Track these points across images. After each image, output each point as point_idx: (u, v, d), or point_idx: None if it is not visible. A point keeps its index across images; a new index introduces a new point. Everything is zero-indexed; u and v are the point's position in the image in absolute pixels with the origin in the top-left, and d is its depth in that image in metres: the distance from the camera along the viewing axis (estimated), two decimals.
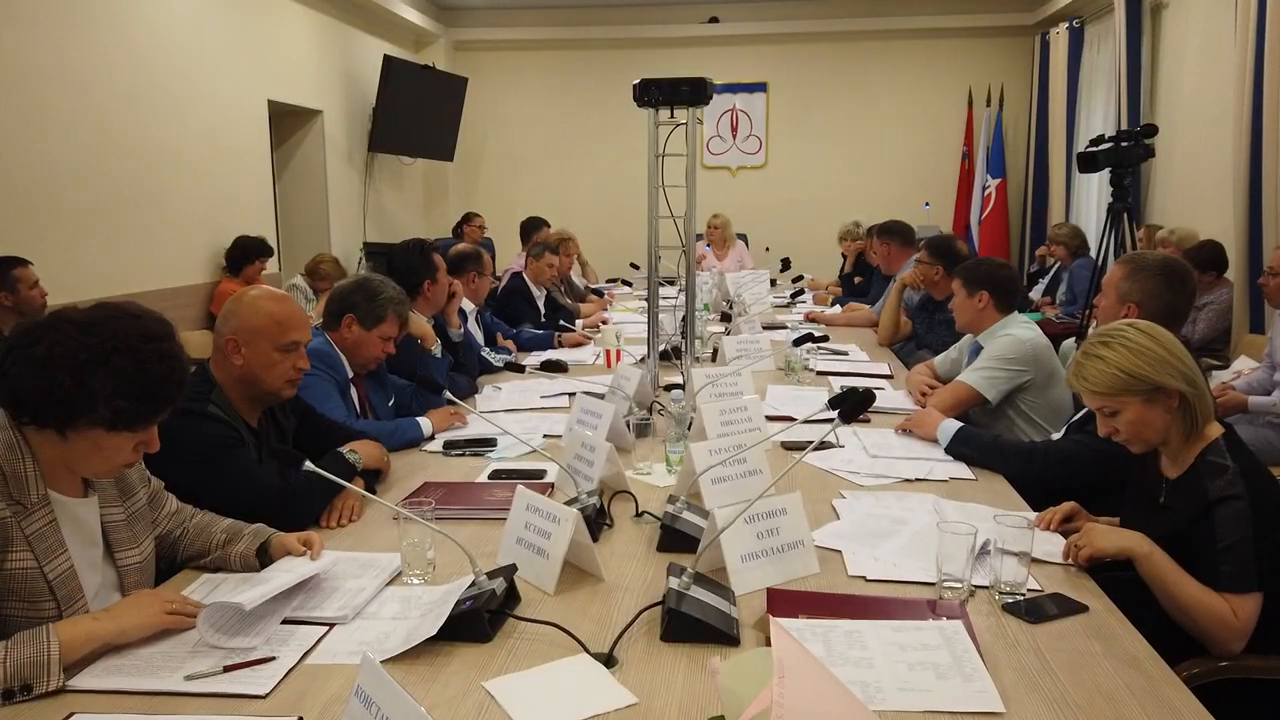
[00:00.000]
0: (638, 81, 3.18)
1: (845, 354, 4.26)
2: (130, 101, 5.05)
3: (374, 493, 2.30)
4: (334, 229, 7.54)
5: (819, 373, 3.76)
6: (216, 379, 2.11)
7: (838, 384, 3.52)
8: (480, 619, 1.53)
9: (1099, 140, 5.37)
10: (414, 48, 9.21)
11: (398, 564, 1.79)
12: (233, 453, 2.04)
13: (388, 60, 7.89)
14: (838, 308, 5.71)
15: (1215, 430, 1.84)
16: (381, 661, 1.44)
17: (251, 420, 2.19)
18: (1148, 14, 6.37)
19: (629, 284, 7.39)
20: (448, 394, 2.26)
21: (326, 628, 1.58)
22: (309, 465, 1.70)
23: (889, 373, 3.83)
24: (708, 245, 7.71)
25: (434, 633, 1.47)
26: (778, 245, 8.19)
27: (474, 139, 9.52)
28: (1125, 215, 5.14)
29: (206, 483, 1.98)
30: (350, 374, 2.77)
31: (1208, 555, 1.72)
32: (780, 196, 9.39)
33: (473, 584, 1.59)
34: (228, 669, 1.44)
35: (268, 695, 1.37)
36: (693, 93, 3.17)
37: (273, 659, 1.45)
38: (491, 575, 1.63)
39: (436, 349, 3.22)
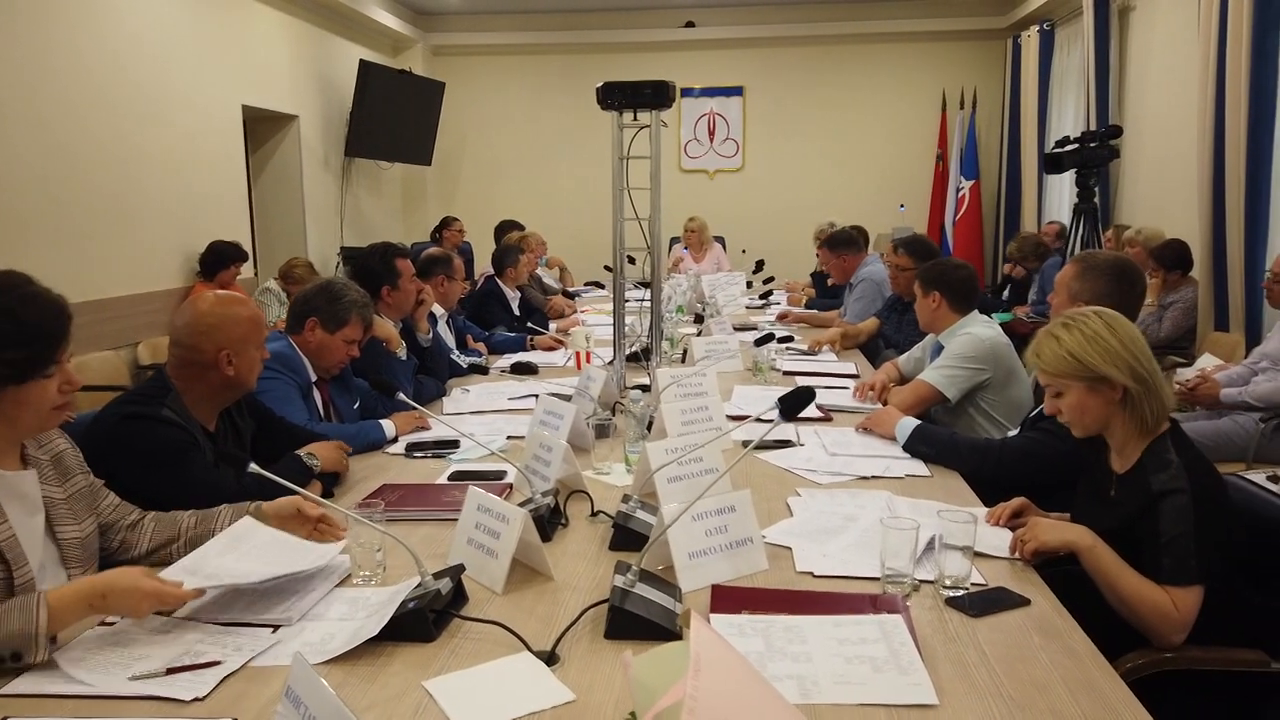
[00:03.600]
0: (600, 84, 3.19)
1: (814, 354, 4.28)
2: (103, 106, 5.03)
3: (332, 495, 2.31)
4: (310, 233, 7.53)
5: (786, 373, 3.78)
6: (176, 385, 2.11)
7: (804, 384, 3.54)
8: (424, 619, 1.53)
9: (1065, 142, 5.42)
10: (391, 52, 9.20)
11: (347, 565, 1.79)
12: (188, 457, 2.04)
13: (364, 65, 7.88)
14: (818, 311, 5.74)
15: (1162, 425, 1.87)
16: (323, 662, 1.47)
17: (209, 424, 2.19)
18: (1115, 17, 6.43)
19: (602, 287, 7.39)
20: (402, 396, 2.26)
21: (272, 629, 1.58)
22: (254, 467, 1.70)
23: (855, 372, 3.86)
24: (685, 248, 7.74)
25: (376, 633, 1.48)
26: (755, 247, 8.21)
27: (452, 143, 9.52)
28: (1091, 215, 5.18)
29: (161, 487, 1.98)
30: (313, 377, 2.77)
31: (1150, 548, 1.75)
32: (757, 199, 9.44)
33: (419, 584, 1.60)
34: (170, 671, 1.44)
35: (205, 698, 1.37)
36: (655, 96, 3.18)
37: (219, 663, 1.45)
38: (438, 575, 1.63)
39: (401, 352, 3.22)
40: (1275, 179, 4.57)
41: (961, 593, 1.70)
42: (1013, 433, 2.66)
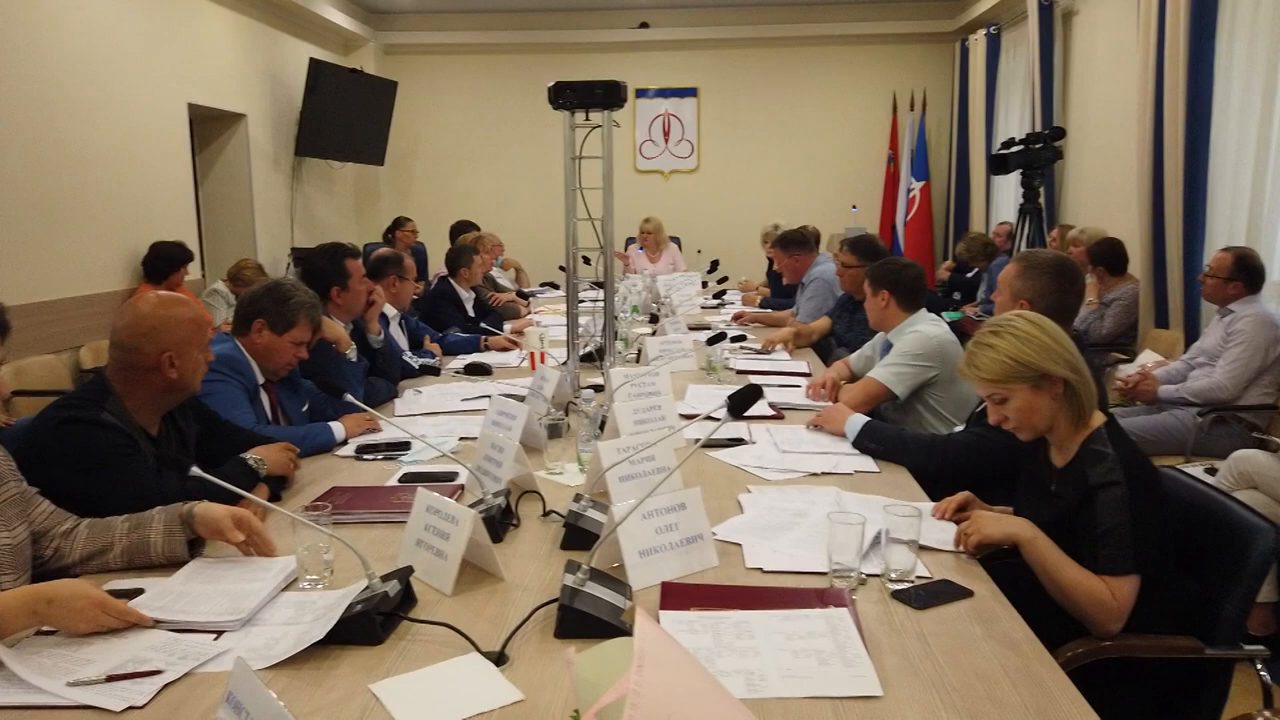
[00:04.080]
0: (552, 84, 3.19)
1: (768, 353, 4.32)
2: (42, 105, 4.90)
3: (279, 499, 2.28)
4: (260, 234, 7.41)
5: (739, 372, 3.81)
6: (117, 388, 2.07)
7: (758, 382, 3.57)
8: (371, 621, 1.52)
9: (1010, 143, 5.52)
10: (342, 51, 9.09)
11: (293, 569, 1.77)
12: (128, 461, 2.00)
13: (315, 64, 7.78)
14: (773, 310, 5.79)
15: (1098, 419, 1.92)
16: (268, 667, 1.45)
17: (151, 428, 2.15)
18: (1059, 21, 6.57)
19: (557, 287, 7.38)
20: (350, 398, 2.24)
21: (215, 635, 1.55)
22: (196, 471, 1.67)
23: (808, 371, 3.90)
24: (641, 248, 7.76)
25: (321, 636, 1.46)
26: (710, 248, 8.27)
27: (405, 143, 9.44)
28: (1036, 215, 5.29)
29: (101, 493, 1.94)
30: (261, 379, 2.73)
31: (1088, 539, 1.79)
32: (712, 199, 9.49)
33: (366, 587, 1.59)
34: (111, 679, 1.41)
35: (143, 707, 1.34)
36: (607, 96, 3.19)
37: (160, 671, 1.42)
38: (386, 578, 1.62)
39: (351, 353, 3.18)
40: (1211, 180, 4.70)
41: (907, 586, 1.73)
42: (959, 428, 2.71)
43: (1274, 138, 4.27)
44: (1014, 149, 5.66)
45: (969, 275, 7.16)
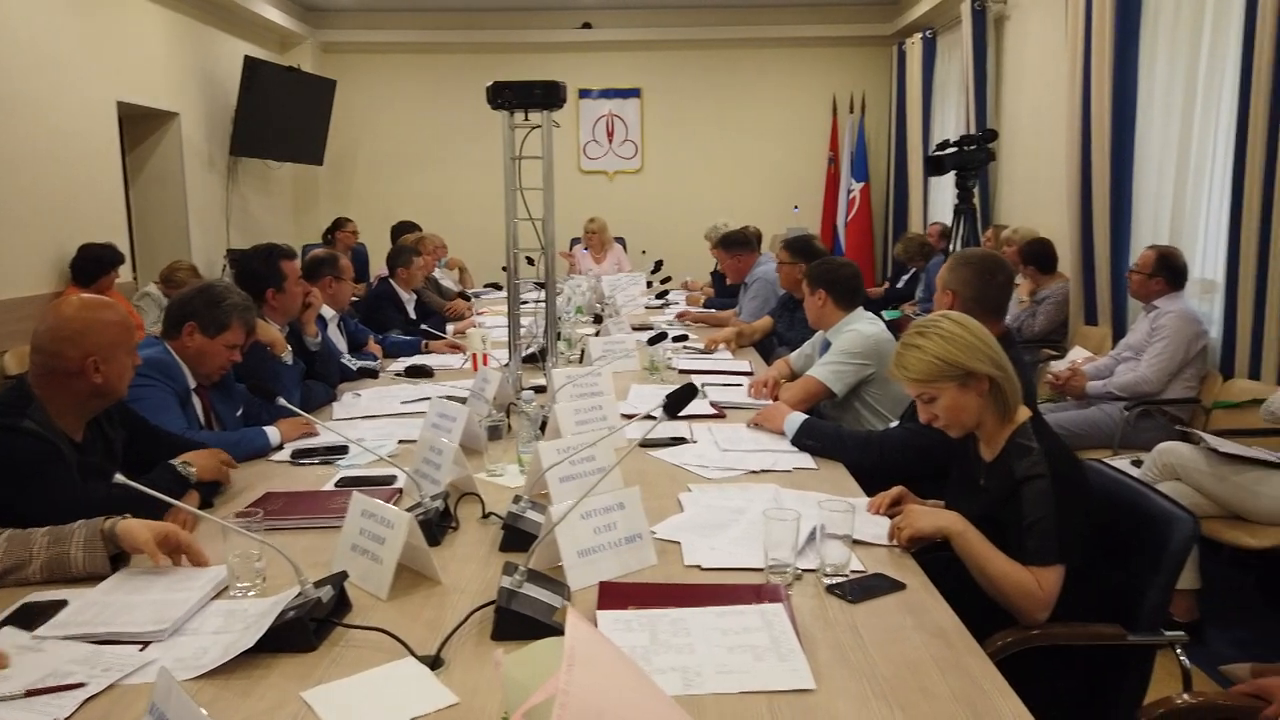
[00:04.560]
0: (490, 84, 3.18)
1: (710, 353, 4.35)
2: None
3: (211, 505, 2.23)
4: (194, 235, 7.24)
5: (681, 371, 3.83)
6: (39, 394, 2.01)
7: (699, 382, 3.59)
8: (304, 628, 1.50)
9: (945, 145, 5.64)
10: (279, 49, 8.92)
11: (223, 576, 1.74)
12: (50, 469, 1.94)
13: (250, 61, 7.62)
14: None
15: (1024, 414, 1.97)
16: (196, 677, 1.42)
17: (76, 435, 2.09)
18: (992, 26, 6.72)
19: (501, 288, 7.35)
20: (282, 401, 2.20)
21: (141, 646, 1.52)
22: (119, 478, 1.63)
23: (750, 370, 3.93)
24: (585, 249, 7.75)
25: (251, 644, 1.44)
26: (655, 248, 8.28)
27: (345, 143, 9.30)
28: (970, 215, 5.41)
29: (22, 503, 1.88)
30: (192, 384, 2.67)
31: (1015, 531, 1.84)
32: (657, 200, 9.52)
33: (299, 594, 1.56)
34: (30, 693, 1.37)
35: None
36: (546, 96, 3.18)
37: (83, 684, 1.38)
38: (320, 584, 1.60)
39: (287, 356, 3.13)
40: (1137, 181, 4.85)
41: (841, 580, 1.75)
42: (894, 424, 2.76)
43: (1194, 139, 4.43)
44: (948, 151, 5.78)
45: (906, 276, 7.28)
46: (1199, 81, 4.38)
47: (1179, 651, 1.87)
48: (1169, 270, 3.98)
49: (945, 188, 7.85)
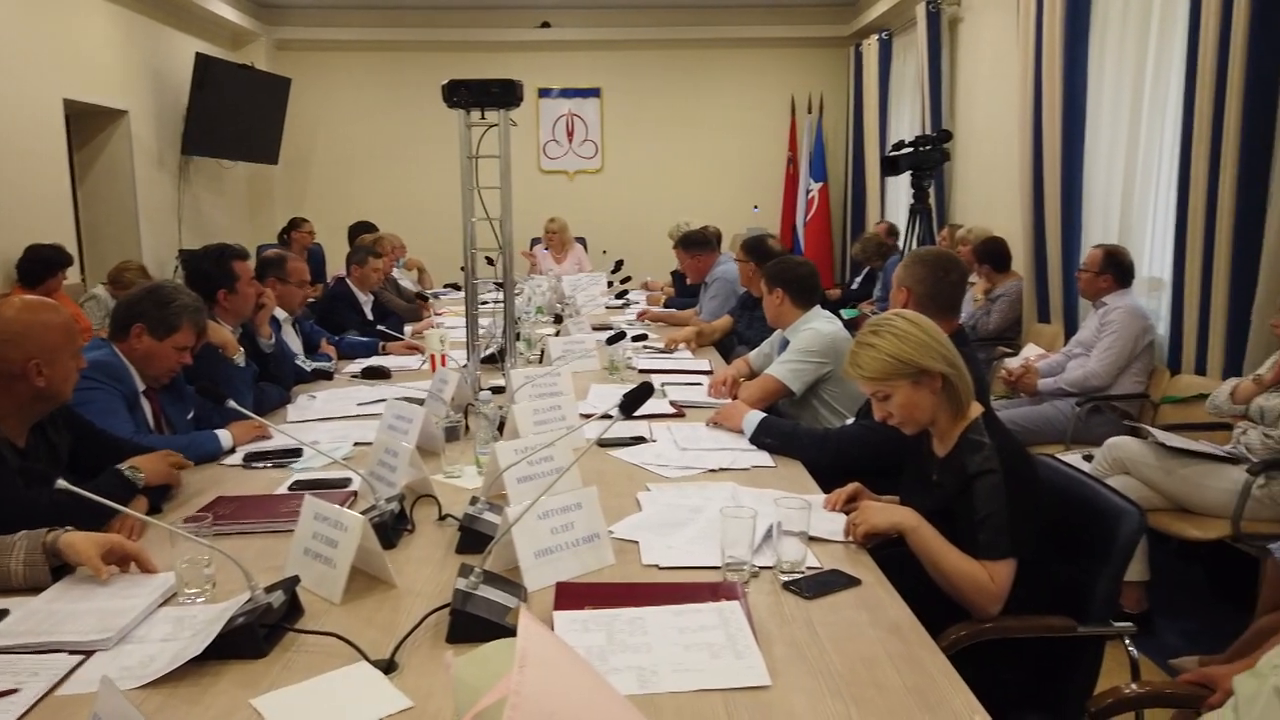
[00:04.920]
0: (446, 82, 3.15)
1: (670, 352, 4.36)
2: None
3: (160, 510, 2.19)
4: (145, 236, 7.09)
5: (641, 370, 3.83)
6: None
7: (659, 381, 3.60)
8: (254, 634, 1.47)
9: (900, 145, 5.70)
10: (231, 46, 8.77)
11: (171, 583, 1.70)
12: None
13: (202, 59, 7.49)
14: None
15: (976, 410, 1.99)
16: (142, 686, 1.39)
17: (19, 440, 2.04)
18: (946, 28, 6.81)
19: (459, 288, 7.29)
20: (232, 403, 2.16)
21: (85, 655, 1.48)
22: (61, 483, 1.59)
23: (709, 369, 3.94)
24: (546, 249, 7.73)
25: (200, 652, 1.41)
26: (616, 248, 8.28)
27: (300, 142, 9.17)
28: (925, 215, 5.48)
29: None
30: (141, 386, 2.62)
31: (967, 526, 1.86)
32: (617, 200, 9.51)
33: (249, 599, 1.54)
34: None
35: None
36: (503, 94, 3.16)
37: (15, 690, 1.35)
38: (271, 589, 1.57)
39: (239, 358, 3.08)
40: (1087, 181, 4.94)
41: (797, 576, 1.77)
42: (850, 421, 2.79)
43: (1142, 141, 4.52)
44: (904, 151, 5.85)
45: (860, 276, 7.35)
46: (1146, 84, 4.48)
47: (1127, 642, 1.91)
48: (1116, 268, 4.06)
49: (901, 188, 7.94)
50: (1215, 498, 3.08)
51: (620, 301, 6.43)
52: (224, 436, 2.67)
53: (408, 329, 5.02)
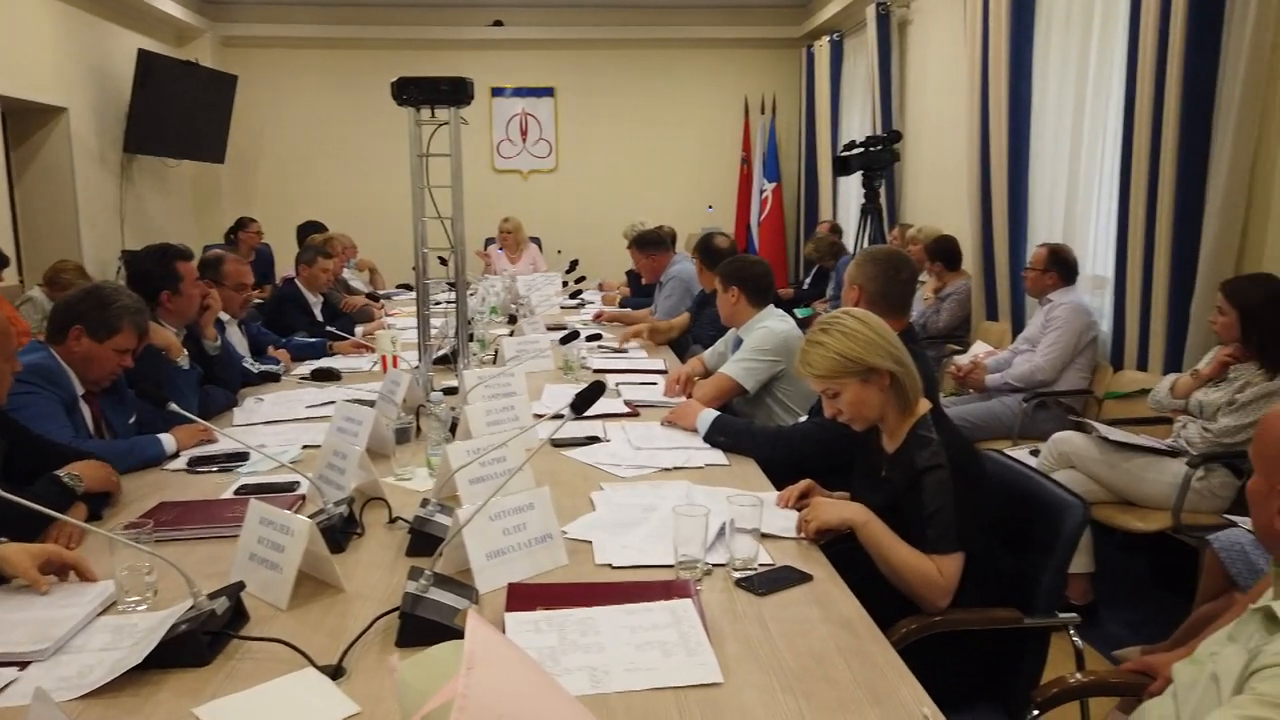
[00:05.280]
0: (395, 80, 3.11)
1: (624, 351, 4.36)
2: None
3: (100, 517, 2.13)
4: (85, 236, 6.91)
5: (596, 370, 3.82)
6: None
7: (613, 381, 3.60)
8: (197, 642, 1.44)
9: (851, 145, 5.76)
10: (175, 42, 8.58)
11: (111, 591, 1.66)
12: None
13: (144, 55, 7.32)
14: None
15: (924, 406, 2.02)
16: (79, 697, 1.35)
17: None
18: (895, 30, 6.90)
19: (411, 289, 7.22)
20: (174, 407, 2.11)
21: (20, 666, 1.43)
22: None
23: (664, 368, 3.95)
24: (500, 248, 7.68)
25: (140, 660, 1.37)
26: (570, 247, 8.26)
27: (248, 140, 9.01)
28: (876, 215, 5.54)
29: None
30: (80, 390, 2.55)
31: (916, 520, 1.88)
32: (572, 200, 9.49)
33: (192, 606, 1.50)
34: None
35: None
36: (453, 92, 3.13)
37: None
38: (214, 595, 1.54)
39: (183, 360, 3.01)
40: (1032, 180, 5.03)
41: (750, 573, 1.77)
42: (803, 419, 2.81)
43: (1084, 143, 4.62)
44: (855, 151, 5.91)
45: (809, 277, 7.42)
46: (1088, 87, 4.57)
47: (1072, 633, 1.94)
48: (1060, 265, 4.15)
49: (853, 187, 8.03)
50: (1156, 490, 3.16)
51: (575, 302, 6.41)
52: (167, 441, 2.61)
53: (359, 329, 4.95)
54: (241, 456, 2.56)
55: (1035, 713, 1.70)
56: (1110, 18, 4.40)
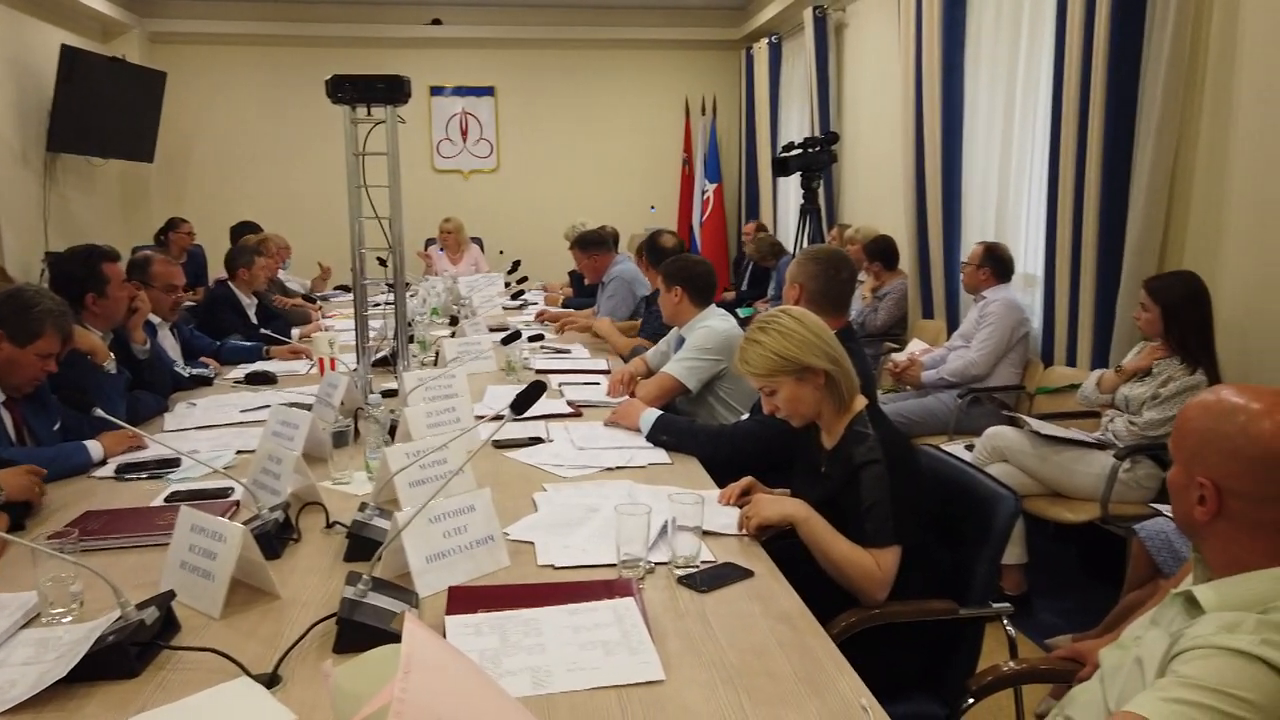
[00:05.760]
0: (329, 77, 3.06)
1: (567, 352, 4.34)
2: None
3: (23, 527, 2.06)
4: (7, 238, 6.65)
5: (539, 371, 3.81)
6: None
7: (556, 381, 3.59)
8: (124, 653, 1.40)
9: (790, 147, 5.82)
10: (101, 38, 8.31)
11: (34, 603, 1.60)
12: None
13: (67, 51, 7.08)
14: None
15: (861, 403, 2.05)
16: (3, 712, 1.30)
17: None
18: (832, 33, 7.00)
19: (349, 290, 7.10)
20: (99, 412, 2.05)
21: None
22: None
23: (608, 368, 3.95)
24: (442, 249, 7.60)
25: (65, 674, 1.33)
26: (513, 248, 8.20)
27: (178, 139, 8.76)
28: (815, 215, 5.61)
29: None
30: (1, 396, 2.46)
31: (854, 515, 1.91)
32: (513, 200, 9.43)
33: (120, 617, 1.46)
34: None
35: None
36: (389, 90, 3.08)
37: None
38: (143, 605, 1.50)
39: (110, 365, 2.92)
40: (965, 180, 5.14)
41: (692, 571, 1.78)
42: (744, 417, 2.83)
43: (1015, 145, 4.73)
44: (794, 152, 5.98)
45: (746, 273, 7.50)
46: (1017, 90, 4.69)
47: (1005, 623, 1.99)
48: (994, 261, 4.25)
49: (792, 188, 8.12)
50: (1086, 482, 3.25)
51: (517, 303, 6.38)
52: (93, 448, 2.53)
53: (295, 332, 4.86)
54: (172, 463, 2.50)
55: (970, 701, 1.74)
56: (1037, 24, 4.52)
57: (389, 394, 3.21)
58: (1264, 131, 3.18)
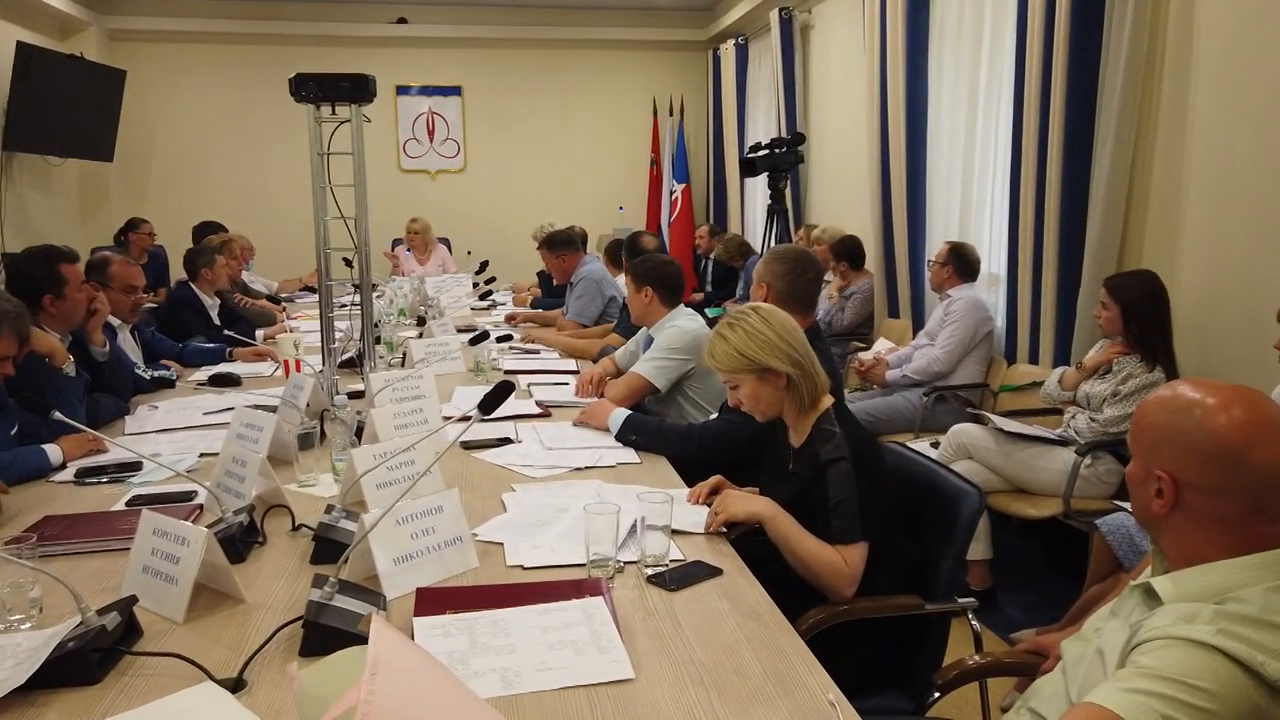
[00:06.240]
0: (293, 75, 3.03)
1: (536, 352, 4.33)
2: None
3: None
4: None
5: (507, 371, 3.79)
6: None
7: (525, 381, 3.58)
8: (85, 659, 1.38)
9: (757, 147, 5.85)
10: (58, 35, 8.15)
11: None
12: None
13: (23, 48, 6.94)
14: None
15: (827, 402, 2.07)
16: None
17: None
18: (798, 34, 7.04)
19: (314, 290, 7.03)
20: (58, 415, 2.01)
21: None
22: None
23: (576, 369, 3.94)
24: (408, 249, 7.55)
25: (24, 681, 1.31)
26: (481, 248, 8.17)
27: (139, 138, 8.62)
28: (782, 215, 5.64)
29: None
30: None
31: (822, 512, 1.93)
32: (481, 200, 9.38)
33: (80, 623, 1.43)
34: None
35: None
36: (354, 89, 3.06)
37: None
38: (104, 610, 1.47)
39: (69, 367, 2.87)
40: (929, 180, 5.20)
41: (661, 569, 1.78)
42: (713, 416, 2.84)
43: (978, 147, 4.80)
44: (761, 153, 6.01)
45: (710, 273, 7.53)
46: (980, 92, 4.75)
47: (970, 617, 2.01)
48: (959, 260, 4.30)
49: (760, 189, 8.16)
50: (1048, 478, 3.30)
51: (486, 303, 6.35)
52: (52, 452, 2.49)
53: (259, 334, 4.80)
54: (134, 466, 2.46)
55: (936, 695, 1.75)
56: (999, 27, 4.58)
57: (355, 395, 3.18)
58: (1219, 133, 3.25)
